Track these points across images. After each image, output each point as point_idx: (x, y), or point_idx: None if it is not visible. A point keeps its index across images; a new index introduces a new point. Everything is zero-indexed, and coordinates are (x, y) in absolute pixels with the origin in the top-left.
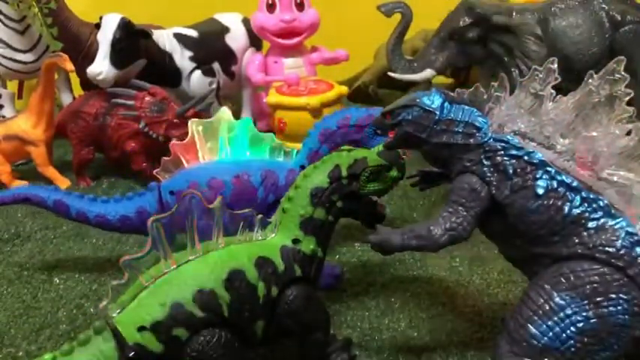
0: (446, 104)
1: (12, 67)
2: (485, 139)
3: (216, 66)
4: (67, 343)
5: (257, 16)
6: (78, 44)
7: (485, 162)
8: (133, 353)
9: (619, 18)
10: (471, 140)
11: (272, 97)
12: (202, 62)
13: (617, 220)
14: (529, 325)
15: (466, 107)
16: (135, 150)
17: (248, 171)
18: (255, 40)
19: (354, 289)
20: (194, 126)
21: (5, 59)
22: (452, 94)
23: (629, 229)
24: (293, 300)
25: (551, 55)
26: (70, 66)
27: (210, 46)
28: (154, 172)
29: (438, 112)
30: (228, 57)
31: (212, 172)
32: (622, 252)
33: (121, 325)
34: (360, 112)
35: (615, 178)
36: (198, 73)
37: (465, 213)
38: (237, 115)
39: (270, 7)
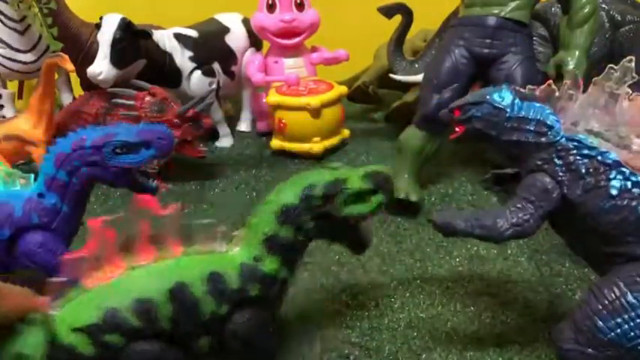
0: (517, 101)
1: (12, 67)
2: (558, 138)
3: (216, 66)
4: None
5: (257, 16)
6: (78, 44)
7: (558, 161)
8: (57, 352)
9: (619, 18)
10: (543, 139)
11: (272, 97)
12: (202, 62)
13: None
14: (597, 318)
15: (537, 105)
16: None
17: None
18: (255, 40)
19: (354, 289)
20: None
21: (5, 59)
22: (523, 90)
23: None
24: (242, 322)
25: (552, 55)
26: (70, 66)
27: (210, 47)
28: None
29: (508, 110)
30: (228, 57)
31: None
32: None
33: (58, 324)
34: (96, 132)
35: None
36: (198, 73)
37: (533, 211)
38: (237, 115)
39: (270, 7)
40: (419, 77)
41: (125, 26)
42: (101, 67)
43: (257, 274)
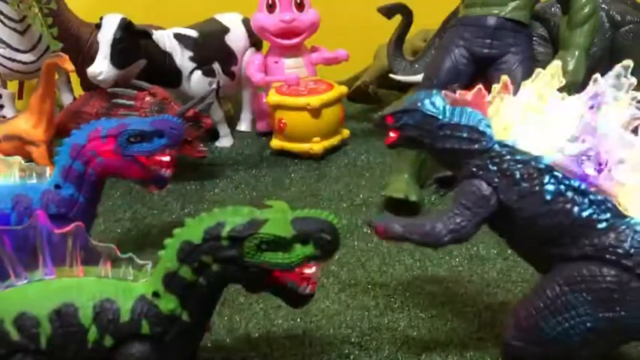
0: (449, 108)
1: (12, 67)
2: (491, 145)
3: (216, 66)
4: None
5: (257, 16)
6: (78, 44)
7: (492, 167)
8: None
9: (619, 18)
10: (476, 146)
11: (272, 97)
12: (202, 62)
13: (626, 220)
14: (539, 317)
15: (469, 110)
16: None
17: None
18: (255, 40)
19: (354, 289)
20: None
21: (6, 59)
22: (455, 95)
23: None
24: (126, 357)
25: (552, 55)
26: (70, 66)
27: (210, 47)
28: None
29: (440, 117)
30: (228, 57)
31: None
32: (631, 252)
33: None
34: (110, 123)
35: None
36: (198, 73)
37: (470, 217)
38: (237, 115)
39: (270, 7)
40: (419, 77)
41: (125, 26)
42: (101, 67)
43: (150, 310)
